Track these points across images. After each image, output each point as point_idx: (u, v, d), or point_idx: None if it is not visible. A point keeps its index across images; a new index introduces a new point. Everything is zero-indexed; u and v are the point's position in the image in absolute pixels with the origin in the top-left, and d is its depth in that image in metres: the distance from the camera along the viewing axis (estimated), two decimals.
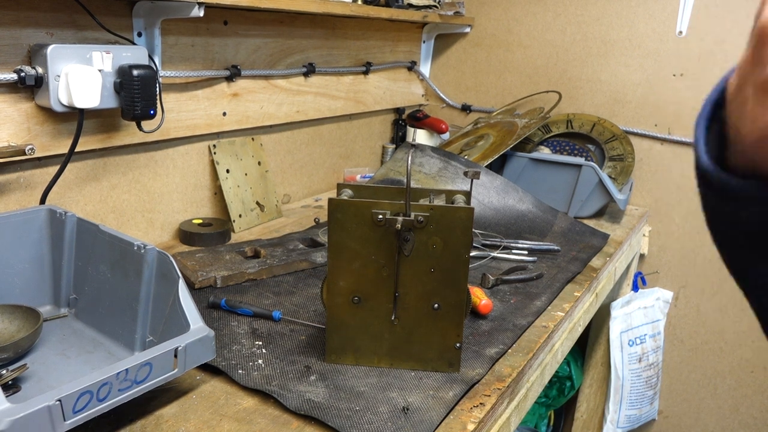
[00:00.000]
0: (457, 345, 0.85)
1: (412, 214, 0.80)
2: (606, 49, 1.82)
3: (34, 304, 0.91)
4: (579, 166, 1.58)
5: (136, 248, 0.85)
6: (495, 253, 1.30)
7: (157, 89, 1.14)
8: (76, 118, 1.05)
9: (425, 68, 2.12)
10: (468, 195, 0.85)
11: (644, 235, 1.83)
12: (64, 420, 0.61)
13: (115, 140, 1.16)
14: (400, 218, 0.79)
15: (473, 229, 1.40)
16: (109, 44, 1.08)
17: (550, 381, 1.85)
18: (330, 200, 0.81)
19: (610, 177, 1.64)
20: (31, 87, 1.00)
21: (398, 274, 0.83)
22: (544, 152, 1.74)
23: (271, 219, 1.50)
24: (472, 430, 0.75)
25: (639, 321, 1.79)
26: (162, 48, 1.20)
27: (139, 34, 1.16)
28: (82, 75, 0.98)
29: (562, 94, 1.88)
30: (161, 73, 1.19)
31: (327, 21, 1.63)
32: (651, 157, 1.80)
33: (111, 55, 1.05)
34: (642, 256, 1.86)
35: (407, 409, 0.76)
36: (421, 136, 2.02)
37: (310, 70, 1.59)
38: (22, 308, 0.89)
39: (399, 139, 2.07)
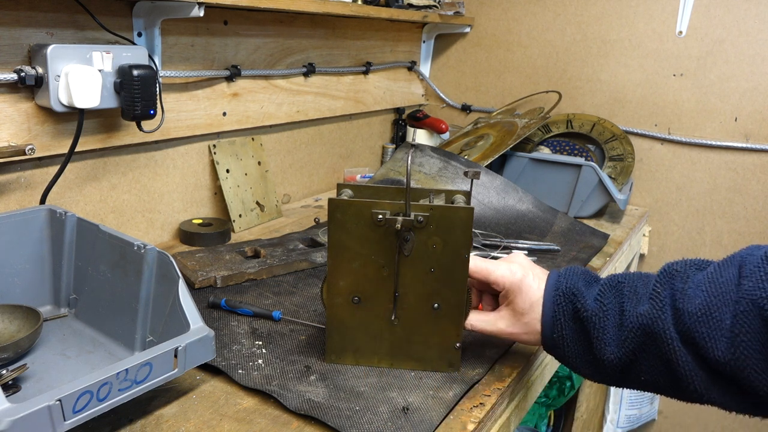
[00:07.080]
0: (457, 345, 0.84)
1: (412, 214, 0.80)
2: (606, 49, 1.82)
3: (34, 304, 0.91)
4: (579, 166, 1.58)
5: (136, 248, 0.85)
6: (495, 253, 1.30)
7: (157, 89, 1.14)
8: (76, 118, 1.05)
9: (425, 68, 2.12)
10: (468, 195, 0.85)
11: (644, 235, 1.83)
12: (64, 420, 0.61)
13: (115, 140, 1.16)
14: (400, 218, 0.79)
15: (473, 229, 1.40)
16: (110, 44, 1.08)
17: (550, 381, 1.85)
18: (330, 200, 0.81)
19: (610, 177, 1.64)
20: (31, 87, 1.00)
21: (398, 274, 0.83)
22: (544, 152, 1.74)
23: (271, 219, 1.50)
24: (472, 430, 0.75)
25: None
26: (162, 48, 1.20)
27: (139, 34, 1.16)
28: (82, 75, 0.98)
29: (562, 94, 1.88)
30: (161, 73, 1.19)
31: (327, 21, 1.63)
32: (651, 157, 1.80)
33: (111, 55, 1.05)
34: (642, 256, 1.86)
35: (407, 409, 0.76)
36: (421, 136, 2.01)
37: (310, 70, 1.59)
38: (22, 308, 0.89)
39: (399, 139, 2.07)
